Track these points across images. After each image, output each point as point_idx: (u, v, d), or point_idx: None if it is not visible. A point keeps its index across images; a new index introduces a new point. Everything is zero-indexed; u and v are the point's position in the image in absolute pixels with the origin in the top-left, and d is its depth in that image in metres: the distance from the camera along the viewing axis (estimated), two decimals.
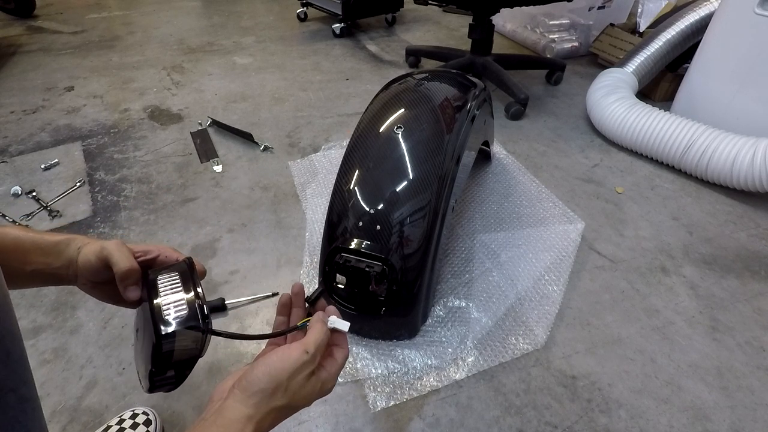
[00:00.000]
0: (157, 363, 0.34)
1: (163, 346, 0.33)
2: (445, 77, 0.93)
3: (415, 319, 0.73)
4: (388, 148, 0.75)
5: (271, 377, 0.34)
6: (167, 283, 0.37)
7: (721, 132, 1.04)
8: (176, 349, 0.34)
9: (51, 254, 0.41)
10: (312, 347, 0.37)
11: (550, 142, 1.29)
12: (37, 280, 0.42)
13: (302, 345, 0.37)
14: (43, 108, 1.51)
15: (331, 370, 0.40)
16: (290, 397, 0.36)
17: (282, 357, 0.36)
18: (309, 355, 0.36)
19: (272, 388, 0.34)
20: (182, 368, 0.35)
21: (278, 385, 0.35)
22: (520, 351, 0.72)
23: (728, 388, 0.67)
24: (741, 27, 1.10)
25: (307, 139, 1.31)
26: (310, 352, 0.37)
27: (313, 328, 0.39)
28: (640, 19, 1.68)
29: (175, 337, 0.34)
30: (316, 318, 0.41)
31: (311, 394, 0.38)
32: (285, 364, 0.35)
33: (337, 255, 0.68)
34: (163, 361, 0.34)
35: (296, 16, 2.39)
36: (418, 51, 1.78)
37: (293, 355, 0.36)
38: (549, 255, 0.89)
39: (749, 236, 0.95)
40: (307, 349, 0.37)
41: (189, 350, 0.35)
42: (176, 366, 0.35)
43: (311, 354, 0.37)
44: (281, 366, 0.35)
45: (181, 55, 1.95)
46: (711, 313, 0.79)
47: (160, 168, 1.19)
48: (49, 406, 0.65)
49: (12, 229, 0.41)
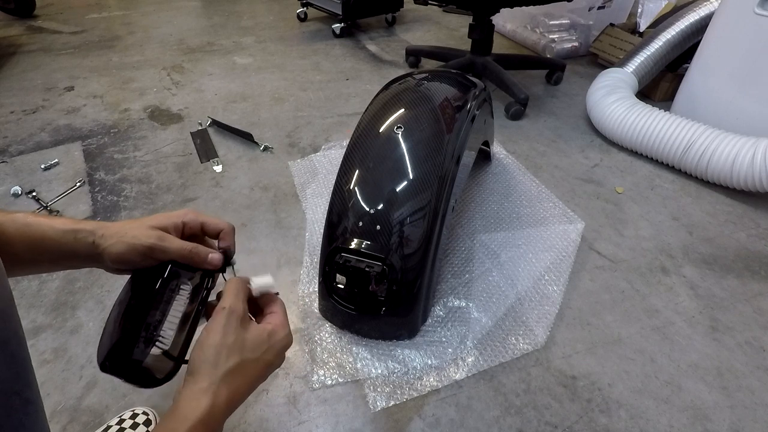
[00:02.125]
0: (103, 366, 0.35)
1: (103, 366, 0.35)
2: (445, 77, 0.93)
3: (415, 319, 0.73)
4: (388, 148, 0.75)
5: (204, 347, 0.34)
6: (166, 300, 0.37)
7: (721, 132, 1.04)
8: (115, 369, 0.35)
9: (63, 244, 0.40)
10: (226, 301, 0.36)
11: (550, 142, 1.29)
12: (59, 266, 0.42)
13: (218, 305, 0.36)
14: (43, 108, 1.51)
15: (275, 319, 0.39)
16: (238, 353, 0.34)
17: (207, 325, 0.35)
18: (226, 308, 0.35)
19: (212, 356, 0.33)
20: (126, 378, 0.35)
21: (216, 350, 0.33)
22: (520, 351, 0.72)
23: (728, 388, 0.67)
24: (741, 27, 1.10)
25: (307, 139, 1.31)
26: (226, 305, 0.36)
27: (225, 287, 0.38)
28: (640, 19, 1.69)
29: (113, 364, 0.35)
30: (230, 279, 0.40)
31: (260, 342, 0.36)
32: (209, 330, 0.34)
33: (337, 255, 0.68)
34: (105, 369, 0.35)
35: (296, 16, 2.39)
36: (418, 51, 1.78)
37: (214, 317, 0.35)
38: (549, 255, 0.89)
39: (749, 236, 0.95)
40: (222, 305, 0.36)
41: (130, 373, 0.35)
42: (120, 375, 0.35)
43: (229, 305, 0.36)
44: (206, 334, 0.34)
45: (181, 55, 1.95)
46: (711, 313, 0.79)
47: (160, 168, 1.19)
48: (50, 406, 0.65)
49: (23, 216, 0.40)
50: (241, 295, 0.38)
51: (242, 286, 0.39)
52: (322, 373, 0.69)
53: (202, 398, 0.31)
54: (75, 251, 0.39)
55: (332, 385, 0.68)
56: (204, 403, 0.31)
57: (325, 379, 0.68)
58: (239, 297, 0.37)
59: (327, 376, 0.69)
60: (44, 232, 0.39)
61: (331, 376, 0.69)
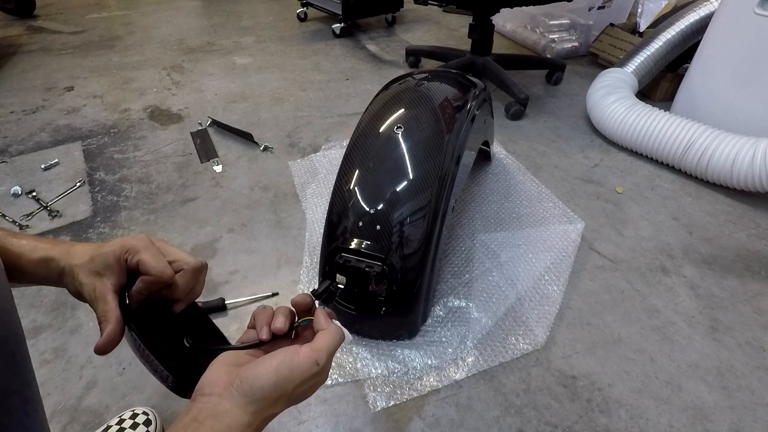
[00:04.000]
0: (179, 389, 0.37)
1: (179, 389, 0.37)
2: (445, 77, 0.93)
3: (415, 319, 0.73)
4: (388, 148, 0.75)
5: (276, 387, 0.32)
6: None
7: (721, 132, 1.04)
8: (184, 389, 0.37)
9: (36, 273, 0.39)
10: (324, 357, 0.34)
11: (550, 142, 1.29)
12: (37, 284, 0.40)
13: (313, 353, 0.33)
14: (43, 108, 1.51)
15: (327, 366, 0.37)
16: (290, 402, 0.34)
17: (291, 365, 0.32)
18: (319, 366, 0.33)
19: (276, 397, 0.32)
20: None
21: (282, 394, 0.32)
22: (520, 351, 0.72)
23: (728, 388, 0.67)
24: (741, 27, 1.10)
25: (307, 139, 1.31)
26: (321, 363, 0.33)
27: (326, 332, 0.35)
28: (640, 19, 1.68)
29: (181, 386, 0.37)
30: (326, 319, 0.37)
31: (308, 396, 0.36)
32: (293, 373, 0.32)
33: (337, 255, 0.68)
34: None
35: (296, 16, 2.39)
36: (418, 51, 1.78)
37: (303, 365, 0.32)
38: (549, 255, 0.89)
39: (749, 236, 0.95)
40: (318, 360, 0.33)
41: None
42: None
43: (322, 365, 0.33)
44: (289, 375, 0.32)
45: (181, 55, 1.95)
46: (711, 313, 0.79)
47: (160, 168, 1.19)
48: (50, 406, 0.65)
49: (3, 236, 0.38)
50: (333, 354, 0.36)
51: (338, 344, 0.36)
52: None
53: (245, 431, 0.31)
54: (48, 279, 0.39)
55: (332, 385, 0.68)
56: None
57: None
58: (331, 357, 0.35)
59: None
60: (18, 258, 0.38)
61: (331, 376, 0.69)
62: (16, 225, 1.00)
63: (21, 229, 0.99)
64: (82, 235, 0.97)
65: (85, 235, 0.97)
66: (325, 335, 0.35)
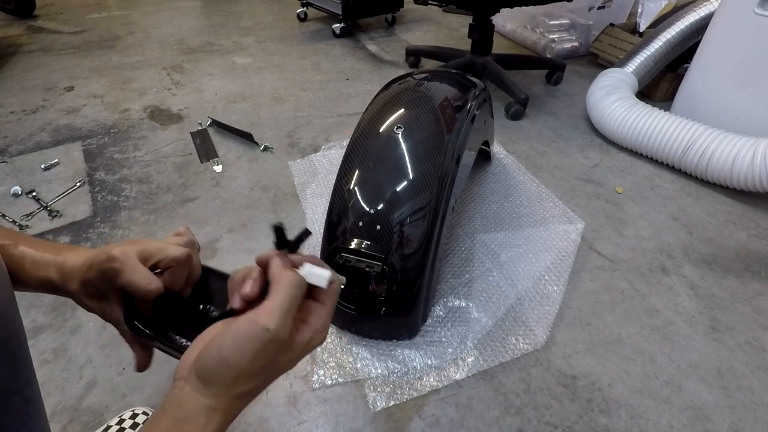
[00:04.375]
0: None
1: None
2: (445, 77, 0.93)
3: (415, 319, 0.73)
4: (388, 148, 0.75)
5: (225, 364, 0.27)
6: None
7: (721, 132, 1.04)
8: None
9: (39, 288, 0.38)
10: (275, 318, 0.27)
11: (550, 142, 1.29)
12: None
13: (258, 318, 0.27)
14: (43, 108, 1.51)
15: (318, 323, 0.31)
16: (261, 377, 0.29)
17: (234, 338, 0.27)
18: (270, 332, 0.27)
19: (232, 376, 0.27)
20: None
21: (240, 372, 0.27)
22: (520, 351, 0.72)
23: (728, 388, 0.67)
24: (741, 27, 1.10)
25: (307, 139, 1.31)
26: (273, 326, 0.27)
27: (276, 286, 0.28)
28: (640, 19, 1.68)
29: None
30: (280, 268, 0.30)
31: (292, 361, 0.30)
32: (239, 346, 0.27)
33: (337, 255, 0.68)
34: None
35: (296, 16, 2.39)
36: (418, 51, 1.78)
37: (248, 334, 0.27)
38: (549, 255, 0.89)
39: (749, 236, 0.95)
40: (268, 323, 0.27)
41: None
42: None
43: (273, 330, 0.27)
44: (234, 349, 0.27)
45: (181, 55, 1.95)
46: (711, 313, 0.79)
47: (160, 168, 1.19)
48: (50, 406, 0.65)
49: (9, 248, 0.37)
50: (293, 311, 0.29)
51: (296, 300, 0.29)
52: (322, 373, 0.69)
53: (212, 416, 0.27)
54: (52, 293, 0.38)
55: (332, 385, 0.68)
56: (214, 422, 0.28)
57: (325, 379, 0.68)
58: (289, 315, 0.28)
59: (327, 376, 0.69)
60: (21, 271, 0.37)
61: (331, 376, 0.69)
62: (16, 225, 1.00)
63: (21, 229, 0.99)
64: (82, 235, 0.97)
65: (85, 235, 0.97)
66: (275, 290, 0.28)
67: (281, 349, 0.28)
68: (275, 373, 0.30)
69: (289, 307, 0.28)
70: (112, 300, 0.35)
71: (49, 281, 0.37)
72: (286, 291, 0.28)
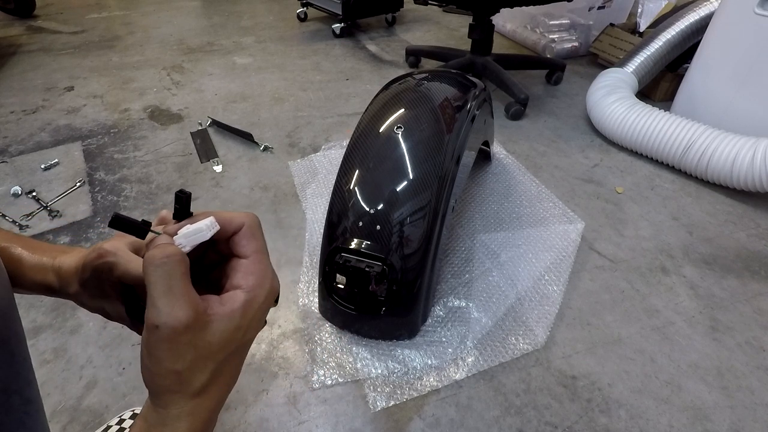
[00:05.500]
0: None
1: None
2: (445, 77, 0.93)
3: (415, 319, 0.73)
4: (388, 148, 0.75)
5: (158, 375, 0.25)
6: None
7: (721, 132, 1.04)
8: None
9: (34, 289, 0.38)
10: (159, 316, 0.23)
11: (550, 142, 1.29)
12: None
13: (147, 321, 0.24)
14: (43, 108, 1.51)
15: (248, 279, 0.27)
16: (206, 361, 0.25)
17: (147, 348, 0.24)
18: (162, 327, 0.23)
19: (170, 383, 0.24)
20: None
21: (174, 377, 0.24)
22: (520, 351, 0.72)
23: (728, 388, 0.67)
24: (741, 27, 1.10)
25: (307, 139, 1.31)
26: (160, 322, 0.23)
27: (146, 282, 0.24)
28: (640, 19, 1.68)
29: None
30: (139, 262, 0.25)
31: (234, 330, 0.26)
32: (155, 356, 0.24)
33: (337, 255, 0.68)
34: None
35: (296, 16, 2.39)
36: (418, 51, 1.78)
37: (152, 340, 0.24)
38: (549, 255, 0.89)
39: (749, 236, 0.95)
40: (155, 322, 0.23)
41: None
42: None
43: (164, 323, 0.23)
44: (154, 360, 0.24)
45: (181, 55, 1.95)
46: (711, 313, 0.79)
47: (160, 168, 1.19)
48: (50, 406, 0.65)
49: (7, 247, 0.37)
50: (178, 290, 0.24)
51: (167, 270, 0.24)
52: (322, 373, 0.69)
53: (177, 424, 0.25)
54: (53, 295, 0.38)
55: (332, 385, 0.68)
56: (181, 429, 0.25)
57: (325, 379, 0.68)
58: (173, 297, 0.24)
59: (327, 376, 0.69)
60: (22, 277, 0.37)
61: (331, 376, 0.69)
62: (16, 225, 1.00)
63: (21, 229, 0.99)
64: (82, 235, 0.97)
65: (85, 235, 0.97)
66: (146, 282, 0.24)
67: (198, 332, 0.24)
68: (222, 353, 0.26)
69: (167, 289, 0.24)
70: (112, 296, 0.35)
71: (49, 285, 0.37)
72: (153, 276, 0.24)
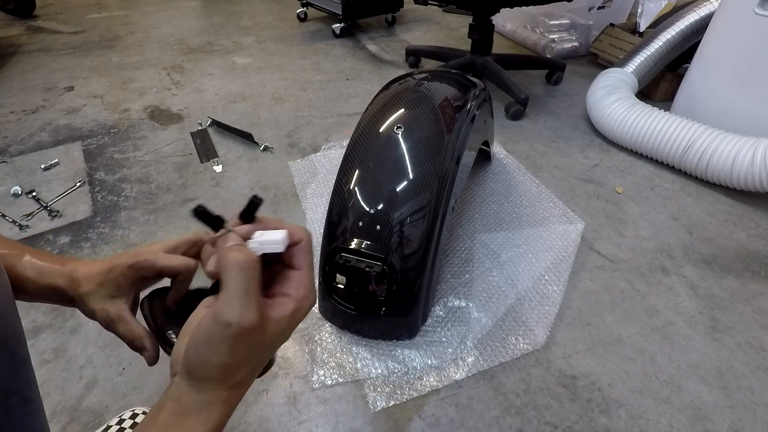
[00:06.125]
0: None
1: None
2: (445, 77, 0.93)
3: (415, 319, 0.73)
4: (388, 148, 0.75)
5: (211, 365, 0.27)
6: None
7: (721, 132, 1.04)
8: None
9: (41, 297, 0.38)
10: (234, 314, 0.25)
11: (550, 142, 1.29)
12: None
13: (219, 317, 0.25)
14: (43, 108, 1.51)
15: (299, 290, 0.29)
16: (251, 363, 0.28)
17: (208, 339, 0.26)
18: (234, 326, 0.25)
19: (219, 373, 0.27)
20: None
21: (225, 368, 0.27)
22: (520, 351, 0.72)
23: (728, 388, 0.67)
24: (741, 27, 1.10)
25: (307, 139, 1.31)
26: (234, 320, 0.25)
27: (224, 279, 0.26)
28: (640, 19, 1.68)
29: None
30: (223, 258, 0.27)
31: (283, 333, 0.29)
32: (215, 348, 0.26)
33: (337, 255, 0.68)
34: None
35: (296, 16, 2.39)
36: (418, 51, 1.78)
37: (217, 333, 0.26)
38: (549, 255, 0.89)
39: (749, 236, 0.95)
40: (229, 320, 0.25)
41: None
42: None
43: (236, 322, 0.25)
44: (213, 351, 0.26)
45: (181, 55, 1.95)
46: (711, 313, 0.79)
47: (160, 168, 1.19)
48: (50, 406, 0.65)
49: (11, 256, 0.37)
50: (252, 293, 0.26)
51: (251, 275, 0.26)
52: (322, 373, 0.69)
53: (211, 410, 0.27)
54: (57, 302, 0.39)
55: (332, 385, 0.68)
56: (215, 415, 0.27)
57: (325, 379, 0.68)
58: (249, 299, 0.26)
59: (327, 376, 0.69)
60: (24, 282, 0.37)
61: (331, 376, 0.69)
62: (16, 225, 1.00)
63: (21, 229, 0.99)
64: (82, 235, 0.97)
65: (85, 235, 0.97)
66: (224, 280, 0.26)
67: (258, 333, 0.27)
68: (265, 353, 0.29)
69: (245, 292, 0.26)
70: (122, 298, 0.37)
71: (55, 287, 0.38)
72: (235, 277, 0.26)
